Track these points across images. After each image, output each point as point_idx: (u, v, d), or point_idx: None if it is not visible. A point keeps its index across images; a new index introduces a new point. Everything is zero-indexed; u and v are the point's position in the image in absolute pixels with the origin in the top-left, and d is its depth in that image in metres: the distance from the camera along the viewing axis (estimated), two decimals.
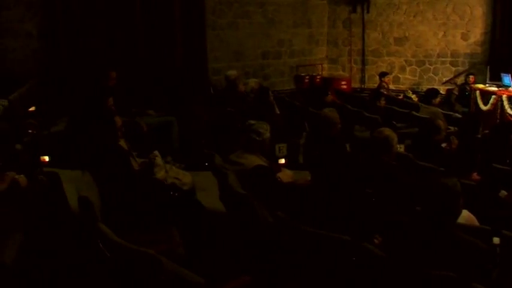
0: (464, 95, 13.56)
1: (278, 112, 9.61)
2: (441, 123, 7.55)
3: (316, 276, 4.37)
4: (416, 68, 15.98)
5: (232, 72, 11.59)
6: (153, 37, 12.00)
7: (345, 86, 15.70)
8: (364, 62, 16.39)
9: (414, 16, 15.75)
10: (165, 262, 3.49)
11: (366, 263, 3.82)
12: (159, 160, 6.29)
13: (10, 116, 8.30)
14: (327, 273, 4.25)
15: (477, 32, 15.23)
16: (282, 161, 7.28)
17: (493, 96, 12.13)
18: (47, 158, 7.28)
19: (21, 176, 5.09)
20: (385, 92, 12.75)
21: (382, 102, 10.87)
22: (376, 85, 14.49)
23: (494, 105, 12.02)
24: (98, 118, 5.74)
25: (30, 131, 6.85)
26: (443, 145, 7.52)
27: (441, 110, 11.17)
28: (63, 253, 5.15)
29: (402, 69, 16.15)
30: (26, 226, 4.73)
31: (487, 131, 8.83)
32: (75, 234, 5.48)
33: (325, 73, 16.46)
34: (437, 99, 12.03)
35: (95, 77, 8.63)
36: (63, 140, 7.91)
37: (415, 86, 15.76)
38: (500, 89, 12.37)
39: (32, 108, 9.38)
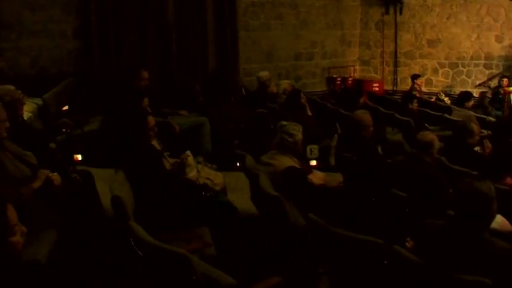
0: (498, 98, 13.42)
1: (310, 114, 9.59)
2: (474, 126, 7.46)
3: (347, 278, 4.36)
4: (449, 70, 15.85)
5: (264, 73, 11.62)
6: (186, 38, 12.06)
7: (377, 88, 15.63)
8: (396, 64, 16.31)
9: (447, 18, 15.62)
10: (196, 262, 3.50)
11: (397, 267, 3.79)
12: (190, 160, 6.32)
13: (44, 115, 8.40)
14: (358, 275, 4.24)
15: None
16: (313, 162, 7.26)
17: None
18: (79, 157, 7.36)
19: (55, 174, 5.14)
20: (418, 95, 12.69)
21: (415, 104, 10.79)
22: (408, 87, 14.42)
23: None
24: (131, 118, 5.77)
25: (63, 129, 6.92)
26: (476, 149, 7.45)
27: (474, 113, 11.07)
28: (96, 251, 5.20)
29: (435, 71, 16.03)
30: (59, 224, 4.78)
31: None
32: (108, 233, 5.54)
33: (357, 75, 16.43)
34: (471, 102, 11.89)
35: (127, 77, 8.68)
36: (97, 139, 7.99)
37: (447, 89, 15.65)
38: None
39: (66, 108, 9.48)
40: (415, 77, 14.11)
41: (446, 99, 13.86)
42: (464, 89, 14.11)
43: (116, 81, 10.84)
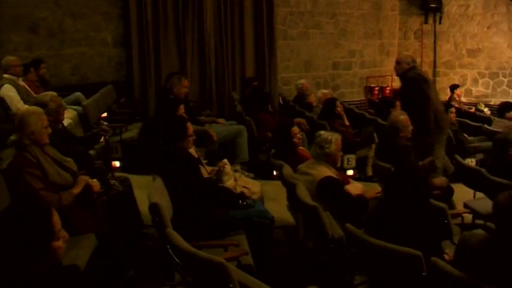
0: None
1: (347, 123, 9.56)
2: None
3: None
4: (490, 80, 15.64)
5: (302, 82, 11.62)
6: (224, 46, 12.12)
7: None
8: (435, 74, 16.15)
9: (488, 27, 15.42)
10: (233, 270, 3.50)
11: (435, 279, 3.75)
12: (228, 168, 6.34)
13: (84, 122, 8.52)
14: (395, 287, 4.20)
15: None
16: (350, 172, 7.23)
17: None
18: (117, 164, 7.44)
19: (94, 180, 5.21)
20: (457, 105, 12.55)
21: (451, 115, 10.66)
22: (447, 97, 14.27)
23: None
24: (169, 125, 5.80)
25: (103, 136, 6.99)
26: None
27: None
28: (133, 258, 5.24)
29: (475, 81, 15.83)
30: (98, 230, 4.83)
31: None
32: (146, 239, 5.57)
33: (395, 84, 16.30)
34: (511, 113, 11.74)
35: (166, 85, 8.76)
36: (135, 146, 8.06)
37: (487, 99, 15.44)
38: None
39: (105, 115, 9.60)
40: (454, 87, 13.95)
41: (485, 109, 13.70)
42: (504, 100, 13.91)
43: (155, 88, 10.96)
